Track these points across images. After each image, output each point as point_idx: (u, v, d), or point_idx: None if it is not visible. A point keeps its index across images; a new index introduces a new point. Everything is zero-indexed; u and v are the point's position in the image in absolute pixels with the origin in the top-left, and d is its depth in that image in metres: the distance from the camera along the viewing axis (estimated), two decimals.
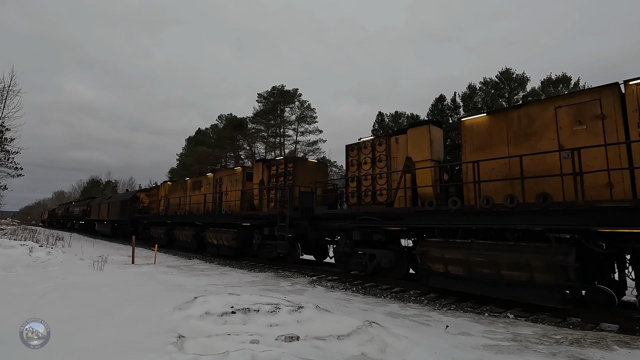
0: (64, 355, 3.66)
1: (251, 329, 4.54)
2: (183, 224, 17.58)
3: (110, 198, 30.52)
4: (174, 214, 18.59)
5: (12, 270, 9.09)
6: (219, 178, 15.87)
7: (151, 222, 21.07)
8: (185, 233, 16.71)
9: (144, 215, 22.57)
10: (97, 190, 69.60)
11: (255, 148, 48.48)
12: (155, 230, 20.00)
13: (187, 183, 18.46)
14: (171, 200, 19.42)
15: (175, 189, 19.58)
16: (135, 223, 23.58)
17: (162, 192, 20.92)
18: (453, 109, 37.06)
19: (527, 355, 4.16)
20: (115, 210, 26.48)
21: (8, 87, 22.34)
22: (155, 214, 21.28)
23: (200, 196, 16.69)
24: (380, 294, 8.02)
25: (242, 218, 13.38)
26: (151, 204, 22.79)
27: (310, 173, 12.63)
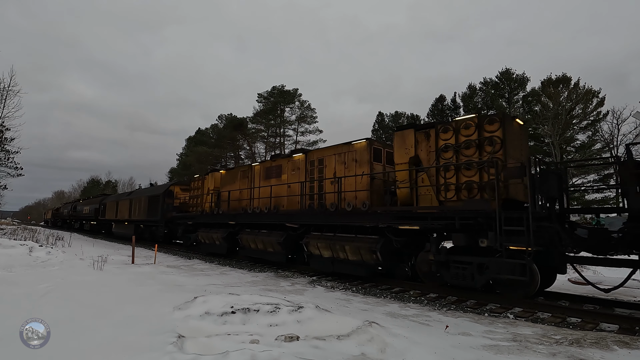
0: (64, 355, 3.66)
1: (251, 329, 4.54)
2: (256, 226, 12.94)
3: (132, 194, 26.10)
4: (237, 211, 13.96)
5: (12, 270, 9.10)
6: (318, 159, 11.18)
7: (198, 224, 16.39)
8: (267, 239, 11.90)
9: (186, 215, 17.58)
10: (97, 190, 69.61)
11: (255, 148, 48.55)
12: (206, 234, 15.28)
13: (253, 170, 13.85)
14: (225, 194, 14.85)
15: (233, 179, 14.82)
16: (170, 224, 19.25)
17: (209, 184, 16.40)
18: (453, 109, 37.09)
19: (527, 355, 4.16)
20: (141, 208, 22.14)
21: (8, 87, 22.39)
22: (201, 213, 16.31)
23: (281, 187, 12.08)
24: (380, 294, 8.02)
25: (391, 217, 8.42)
26: (192, 200, 17.90)
27: (519, 141, 7.94)
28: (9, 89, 22.44)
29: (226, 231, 14.15)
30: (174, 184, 21.23)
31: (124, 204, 25.40)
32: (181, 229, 17.94)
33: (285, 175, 12.23)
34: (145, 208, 21.69)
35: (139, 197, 23.06)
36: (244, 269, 11.83)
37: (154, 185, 28.32)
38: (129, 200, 24.45)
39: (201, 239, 15.62)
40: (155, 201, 20.53)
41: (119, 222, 26.08)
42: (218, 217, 14.87)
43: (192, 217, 17.01)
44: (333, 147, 10.97)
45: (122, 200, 26.21)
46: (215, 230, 14.76)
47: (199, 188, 17.39)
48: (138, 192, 25.48)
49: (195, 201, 17.47)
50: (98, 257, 11.83)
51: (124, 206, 25.11)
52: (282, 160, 12.59)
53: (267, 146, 46.91)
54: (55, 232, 28.28)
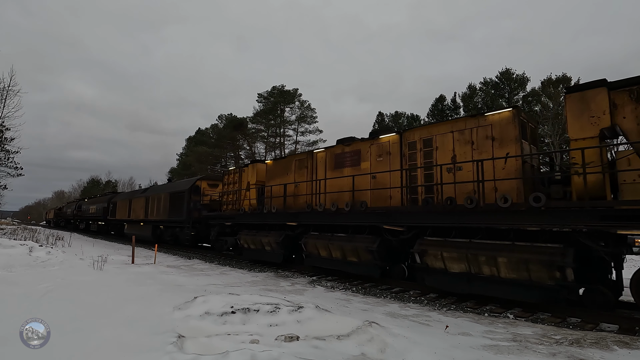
0: (64, 355, 3.66)
1: (251, 329, 4.54)
2: (327, 228, 10.11)
3: (147, 191, 23.29)
4: (296, 209, 11.22)
5: (12, 270, 9.09)
6: (422, 140, 8.56)
7: (239, 225, 13.56)
8: (348, 245, 9.21)
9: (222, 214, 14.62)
10: (97, 190, 69.57)
11: (255, 148, 48.56)
12: (251, 237, 12.48)
13: (315, 158, 11.20)
14: (273, 188, 12.16)
15: (285, 169, 12.14)
16: (198, 224, 16.65)
17: (249, 178, 13.86)
18: (453, 109, 37.10)
19: (527, 355, 4.16)
20: (161, 207, 19.46)
21: (8, 87, 22.39)
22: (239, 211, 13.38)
23: (361, 178, 9.49)
24: (380, 294, 8.02)
25: (599, 217, 5.62)
26: (226, 197, 15.09)
27: None
28: (9, 89, 22.45)
29: (281, 234, 11.35)
30: (201, 179, 18.17)
31: (138, 202, 22.64)
32: (214, 231, 15.05)
33: (367, 163, 9.68)
34: (166, 207, 18.98)
35: (158, 195, 20.19)
36: (244, 269, 11.83)
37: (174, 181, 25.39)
38: (145, 199, 21.70)
39: (244, 243, 12.87)
40: (179, 199, 17.73)
41: (133, 223, 23.30)
42: (271, 216, 11.65)
43: (231, 216, 13.81)
44: (449, 123, 8.34)
45: (136, 198, 23.34)
46: (264, 233, 12.00)
47: (235, 182, 14.74)
48: (156, 189, 22.36)
49: (230, 198, 14.75)
50: (98, 257, 11.83)
51: (139, 205, 22.47)
52: (361, 144, 9.95)
53: (267, 146, 46.92)
54: (55, 232, 28.27)
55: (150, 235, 20.57)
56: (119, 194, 32.41)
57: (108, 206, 28.44)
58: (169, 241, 19.18)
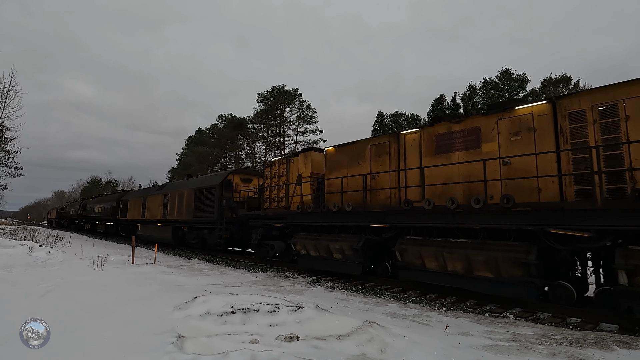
0: (64, 355, 3.66)
1: (251, 329, 4.54)
2: (438, 231, 7.76)
3: (165, 187, 20.81)
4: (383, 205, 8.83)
5: (12, 270, 9.10)
6: (595, 109, 6.07)
7: (293, 226, 11.34)
8: (480, 256, 6.72)
9: (271, 214, 12.06)
10: (97, 190, 69.61)
11: (255, 148, 48.60)
12: (312, 242, 10.25)
13: (402, 142, 8.76)
14: (336, 182, 10.02)
15: (355, 158, 9.75)
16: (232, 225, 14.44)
17: (301, 169, 11.47)
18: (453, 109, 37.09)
19: (527, 355, 4.16)
20: (183, 205, 17.14)
21: (8, 87, 22.39)
22: (286, 209, 11.63)
23: (489, 164, 6.94)
24: (380, 294, 8.02)
25: None
26: (269, 192, 12.65)
27: None
28: (9, 89, 22.46)
29: (359, 239, 8.99)
30: (233, 172, 15.92)
31: (154, 200, 20.32)
32: (257, 233, 12.57)
33: (493, 144, 7.22)
34: (190, 205, 16.67)
35: (180, 191, 17.91)
36: (244, 269, 11.84)
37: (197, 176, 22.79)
38: (163, 196, 19.43)
39: (301, 249, 10.65)
40: (208, 195, 15.36)
41: (148, 224, 21.05)
42: (343, 216, 9.42)
43: (283, 216, 11.54)
44: None
45: (152, 195, 20.90)
46: (332, 238, 9.71)
47: (280, 175, 12.37)
48: (176, 185, 19.82)
49: (275, 194, 12.41)
50: (98, 257, 11.83)
51: (155, 203, 20.15)
52: (482, 119, 7.46)
53: (267, 146, 46.95)
54: (55, 232, 28.28)
55: (170, 238, 18.16)
56: (130, 191, 29.55)
57: (117, 205, 26.29)
58: (194, 245, 16.86)
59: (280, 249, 11.93)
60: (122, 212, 25.18)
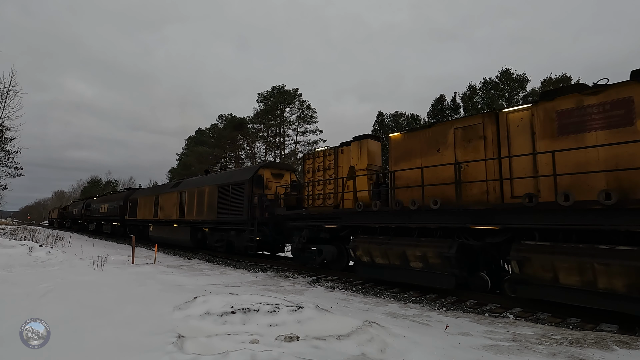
0: (64, 355, 3.66)
1: (251, 329, 4.54)
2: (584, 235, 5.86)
3: (181, 184, 18.61)
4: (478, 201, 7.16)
5: (12, 270, 9.10)
6: None
7: (350, 228, 9.55)
8: None
9: (323, 213, 10.14)
10: (97, 190, 69.58)
11: (255, 148, 48.60)
12: (377, 246, 8.46)
13: (504, 122, 7.01)
14: (409, 174, 8.31)
15: (432, 143, 8.08)
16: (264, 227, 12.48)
17: (354, 161, 9.83)
18: (453, 109, 37.08)
19: (527, 355, 4.16)
20: (206, 203, 15.17)
21: (8, 87, 22.41)
22: (336, 207, 9.89)
23: None
24: (380, 294, 8.02)
25: None
26: (311, 188, 10.86)
27: None
28: (9, 89, 22.47)
29: (450, 244, 7.27)
30: (264, 167, 13.91)
31: (168, 198, 18.55)
32: (300, 236, 10.83)
33: None
34: (212, 203, 14.78)
35: (200, 188, 15.98)
36: (244, 269, 11.83)
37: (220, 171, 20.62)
38: (178, 194, 17.63)
39: (362, 255, 8.76)
40: (236, 192, 13.46)
41: (162, 224, 19.18)
42: (427, 216, 7.64)
43: (336, 215, 9.66)
44: None
45: (165, 193, 19.12)
46: (408, 242, 7.92)
47: (327, 169, 10.52)
48: (194, 182, 17.66)
49: (318, 190, 10.64)
50: (98, 257, 11.84)
51: (169, 202, 18.37)
52: (634, 87, 5.69)
53: (267, 146, 46.95)
54: (55, 232, 28.27)
55: (188, 240, 16.38)
56: (139, 189, 27.42)
57: (125, 204, 24.57)
58: (218, 248, 14.91)
59: (331, 255, 10.14)
60: (131, 212, 23.39)
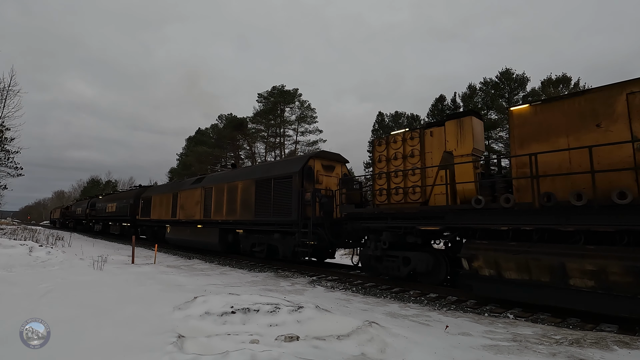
0: (64, 355, 3.66)
1: (251, 329, 4.54)
2: None
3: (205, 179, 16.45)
4: None
5: (12, 270, 9.10)
6: None
7: (458, 229, 7.59)
8: None
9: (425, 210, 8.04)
10: (97, 190, 69.57)
11: (255, 148, 48.61)
12: (510, 255, 6.33)
13: None
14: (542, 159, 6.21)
15: (581, 117, 6.11)
16: (320, 228, 10.35)
17: (449, 144, 8.11)
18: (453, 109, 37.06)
19: (527, 355, 4.16)
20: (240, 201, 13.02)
21: (8, 87, 22.37)
22: (422, 204, 8.31)
23: None
24: (380, 294, 8.02)
25: None
26: (383, 180, 9.15)
27: None
28: (9, 89, 22.44)
29: None
30: (314, 157, 11.66)
31: (189, 196, 16.46)
32: (380, 240, 8.67)
33: None
34: (248, 200, 12.57)
35: (231, 184, 13.79)
36: (244, 269, 11.83)
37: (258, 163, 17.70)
38: (202, 190, 15.48)
39: (482, 267, 6.71)
40: (281, 187, 11.39)
41: (181, 225, 17.10)
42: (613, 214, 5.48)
43: (439, 214, 7.69)
44: None
45: (185, 190, 17.01)
46: (564, 251, 5.86)
47: (408, 156, 8.77)
48: (221, 177, 15.39)
49: (395, 183, 8.83)
50: (98, 257, 11.83)
51: (191, 199, 16.28)
52: None
53: (267, 146, 46.95)
54: (55, 232, 28.27)
55: (216, 243, 14.26)
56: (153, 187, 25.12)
57: (136, 203, 22.85)
58: (256, 253, 12.76)
59: (425, 265, 8.00)
60: (144, 211, 21.38)
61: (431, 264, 8.10)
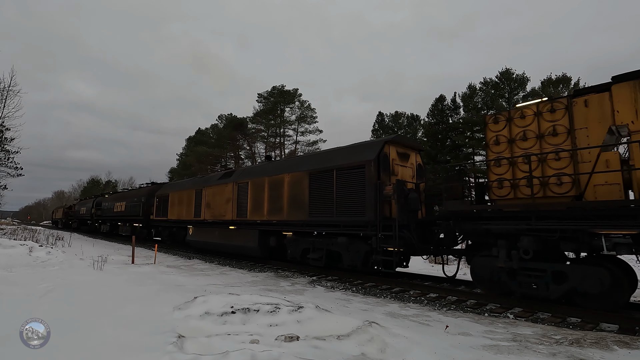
0: (64, 355, 3.66)
1: (251, 329, 4.54)
2: None
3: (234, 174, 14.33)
4: None
5: (12, 270, 9.09)
6: None
7: None
8: None
9: None
10: (97, 190, 69.57)
11: (255, 148, 48.63)
12: None
13: None
14: None
15: None
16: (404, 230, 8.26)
17: (625, 115, 5.87)
18: (453, 109, 37.08)
19: (527, 355, 4.16)
20: (288, 197, 10.99)
21: (8, 87, 22.39)
22: None
23: None
24: (380, 294, 8.02)
25: None
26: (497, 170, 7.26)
27: None
28: (9, 89, 22.46)
29: None
30: (389, 142, 9.56)
31: (218, 192, 14.35)
32: (510, 248, 6.76)
33: None
34: (300, 196, 10.53)
35: (274, 177, 11.62)
36: (244, 269, 11.83)
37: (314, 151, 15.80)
38: (235, 186, 13.32)
39: None
40: (349, 179, 9.30)
41: (208, 226, 15.02)
42: None
43: None
44: None
45: (212, 186, 14.87)
46: None
47: (545, 135, 6.82)
48: (262, 169, 12.96)
49: (521, 171, 6.94)
50: (98, 257, 11.83)
51: (220, 196, 14.15)
52: None
53: (267, 146, 46.96)
54: (55, 232, 28.26)
55: (254, 247, 12.01)
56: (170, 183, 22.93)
57: (149, 201, 20.92)
58: (311, 261, 10.45)
59: (597, 284, 5.93)
60: (159, 211, 19.37)
61: (607, 283, 5.84)
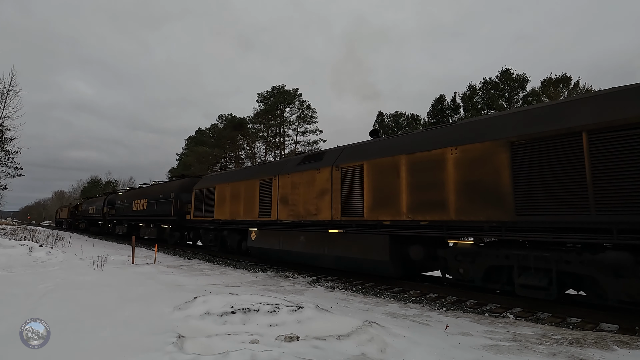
0: (64, 355, 3.66)
1: (251, 329, 4.54)
2: None
3: (327, 153, 10.37)
4: None
5: (12, 270, 9.10)
6: None
7: None
8: None
9: None
10: (97, 190, 69.56)
11: (255, 148, 48.64)
12: None
13: None
14: None
15: None
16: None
17: None
18: (453, 109, 37.07)
19: (527, 355, 4.16)
20: (453, 186, 6.80)
21: (8, 87, 22.40)
22: None
23: None
24: (380, 294, 8.01)
25: None
26: None
27: None
28: (9, 89, 22.46)
29: None
30: None
31: (301, 182, 10.47)
32: None
33: None
34: (488, 181, 6.40)
35: (414, 154, 7.68)
36: (244, 269, 11.83)
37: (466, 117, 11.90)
38: (334, 171, 9.45)
39: None
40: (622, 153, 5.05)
41: (283, 229, 11.11)
42: None
43: None
44: None
45: (293, 174, 10.79)
46: None
47: None
48: (376, 147, 8.89)
49: None
50: (98, 257, 11.83)
51: (304, 188, 10.36)
52: None
53: (267, 146, 46.97)
54: (55, 232, 28.24)
55: (385, 261, 8.21)
56: (216, 174, 17.67)
57: (182, 197, 17.65)
58: (522, 291, 6.13)
59: None
60: (200, 209, 15.64)
61: None
